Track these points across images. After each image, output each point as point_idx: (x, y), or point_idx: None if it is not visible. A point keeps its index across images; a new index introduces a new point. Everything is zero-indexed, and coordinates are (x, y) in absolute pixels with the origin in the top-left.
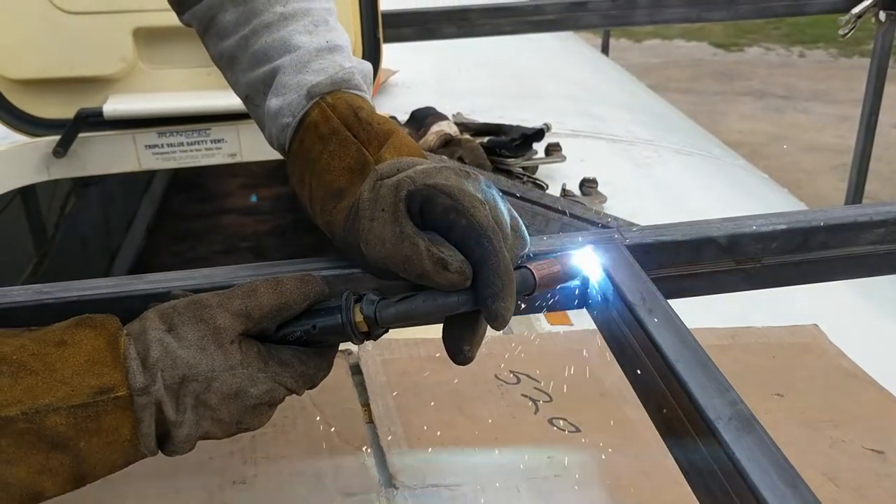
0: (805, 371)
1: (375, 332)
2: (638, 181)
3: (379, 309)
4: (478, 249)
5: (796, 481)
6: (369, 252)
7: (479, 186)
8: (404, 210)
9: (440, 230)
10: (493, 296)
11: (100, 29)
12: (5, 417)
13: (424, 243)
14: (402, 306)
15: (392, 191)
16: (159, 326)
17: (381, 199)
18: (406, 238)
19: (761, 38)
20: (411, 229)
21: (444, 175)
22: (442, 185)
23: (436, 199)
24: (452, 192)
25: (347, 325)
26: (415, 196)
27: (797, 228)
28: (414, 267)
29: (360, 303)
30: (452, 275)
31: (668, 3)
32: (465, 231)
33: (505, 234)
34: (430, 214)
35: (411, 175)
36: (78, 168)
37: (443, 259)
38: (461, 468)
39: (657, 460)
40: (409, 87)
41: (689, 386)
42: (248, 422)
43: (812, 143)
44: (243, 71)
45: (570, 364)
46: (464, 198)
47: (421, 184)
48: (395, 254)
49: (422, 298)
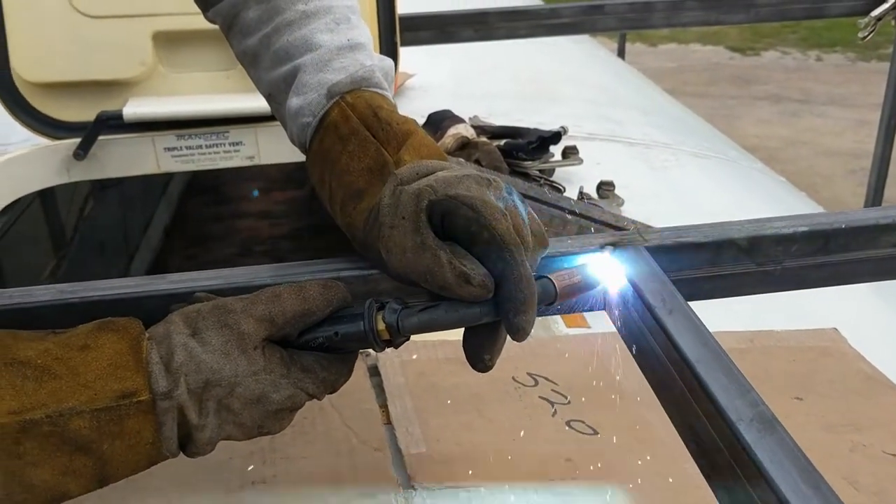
0: (825, 375)
1: (397, 340)
2: (655, 184)
3: (401, 317)
4: (500, 263)
5: (819, 483)
6: (389, 259)
7: (500, 194)
8: (425, 220)
9: (461, 241)
10: (514, 309)
11: (120, 33)
12: (30, 420)
13: (446, 256)
14: (425, 316)
15: (413, 199)
16: (184, 331)
17: (402, 206)
18: (427, 249)
19: (778, 41)
20: (433, 241)
21: (466, 185)
22: (464, 196)
23: (457, 211)
24: (474, 203)
25: (370, 333)
26: (436, 207)
27: (819, 231)
28: (436, 279)
29: (382, 311)
30: (475, 288)
31: (686, 6)
32: (487, 244)
33: (526, 243)
34: (452, 226)
35: (432, 184)
36: (98, 170)
37: (465, 273)
38: (479, 470)
39: (676, 463)
40: (425, 90)
41: (709, 387)
42: (269, 426)
43: (829, 148)
44: (266, 69)
45: (588, 366)
46: (486, 210)
47: (443, 194)
48: (417, 264)
49: (444, 309)
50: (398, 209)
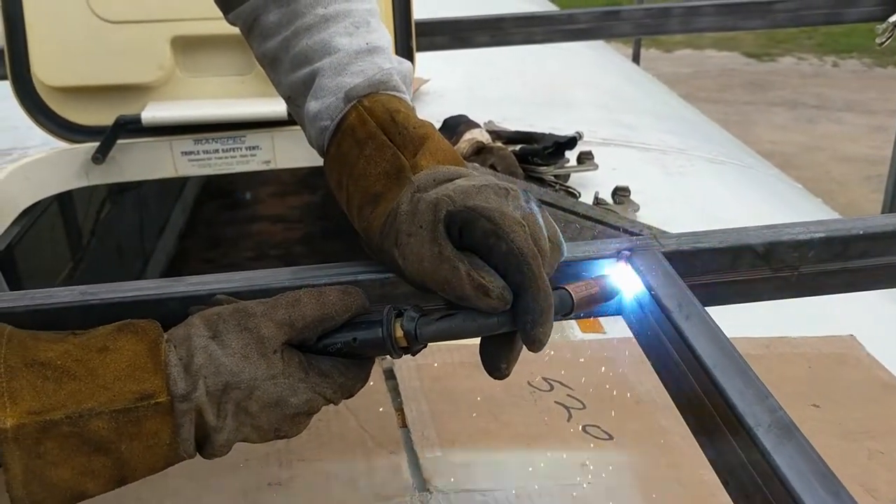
0: (842, 382)
1: (415, 347)
2: (670, 190)
3: (419, 325)
4: (518, 275)
5: (839, 490)
6: (406, 267)
7: (518, 204)
8: (443, 231)
9: (479, 252)
10: (531, 322)
11: (139, 37)
12: (50, 421)
13: (465, 267)
14: (443, 324)
15: (431, 208)
16: (204, 333)
17: (420, 215)
18: (445, 260)
19: (794, 47)
20: (451, 251)
21: (484, 195)
22: (482, 207)
23: (475, 223)
24: (493, 215)
25: (388, 340)
26: (454, 217)
27: (836, 237)
28: (454, 290)
29: (400, 318)
30: (493, 301)
31: (703, 12)
32: (505, 256)
33: (544, 252)
34: (470, 237)
35: (450, 194)
36: (116, 174)
37: (484, 286)
38: (494, 474)
39: (692, 470)
40: (440, 95)
41: (727, 393)
42: (286, 429)
43: (845, 154)
44: (285, 72)
45: (604, 372)
46: (504, 222)
47: (461, 205)
48: (434, 274)
49: (462, 318)
50: (416, 217)
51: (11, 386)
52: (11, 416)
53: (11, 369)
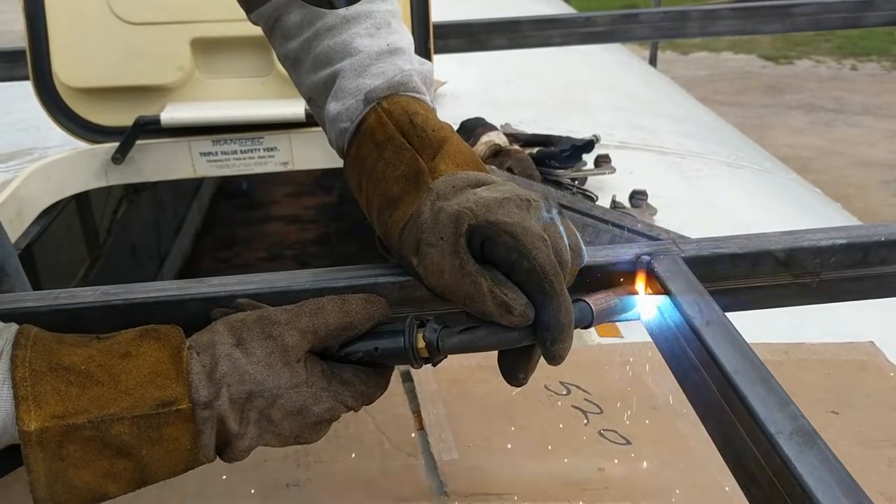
0: (861, 389)
1: (435, 358)
2: (688, 194)
3: (441, 337)
4: (540, 294)
5: (861, 498)
6: (426, 276)
7: (539, 214)
8: (465, 245)
9: (501, 267)
10: (552, 338)
11: (159, 39)
12: (73, 425)
13: (487, 283)
14: (465, 337)
15: (452, 220)
16: (228, 340)
17: (441, 226)
18: (467, 275)
19: (812, 50)
20: (473, 266)
21: (506, 210)
22: (504, 222)
23: (497, 239)
24: (515, 231)
25: (409, 351)
26: (476, 232)
27: (857, 243)
28: (475, 304)
29: (422, 329)
30: (516, 318)
31: (721, 15)
32: (527, 273)
33: (565, 265)
34: (492, 253)
35: (472, 207)
36: (135, 174)
37: (507, 303)
38: (511, 477)
39: (709, 475)
40: (456, 97)
41: (748, 399)
42: (306, 436)
43: (863, 158)
44: (306, 73)
45: (621, 376)
46: (526, 238)
47: (483, 219)
48: (455, 288)
49: (484, 332)
50: (436, 228)
51: (36, 390)
52: (36, 419)
53: (36, 373)
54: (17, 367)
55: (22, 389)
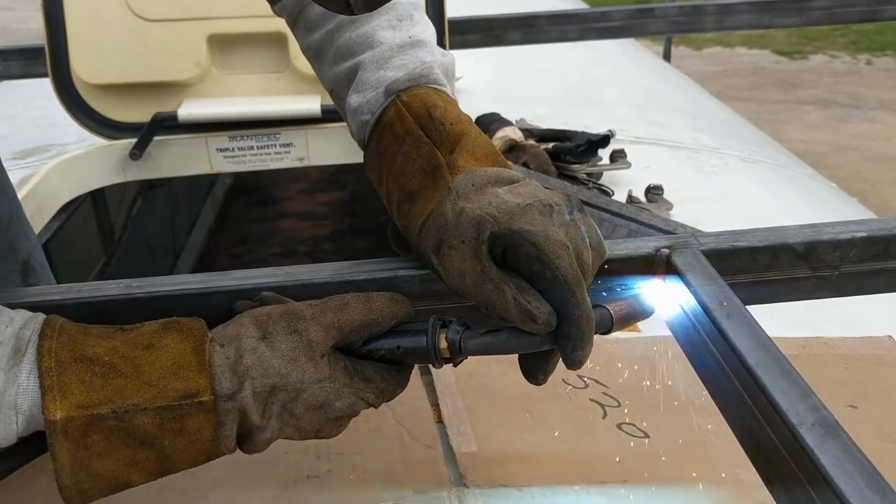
0: (880, 383)
1: (457, 359)
2: (704, 189)
3: (464, 338)
4: (562, 303)
5: (885, 489)
6: (447, 278)
7: (562, 219)
8: (486, 251)
9: (523, 275)
10: (573, 346)
11: (176, 36)
12: (97, 415)
13: (511, 291)
14: (487, 339)
15: (474, 226)
16: (254, 333)
17: (462, 230)
18: (489, 281)
19: (826, 45)
20: (495, 273)
21: (529, 217)
22: (527, 231)
23: (520, 247)
24: (538, 240)
25: (432, 350)
26: (498, 239)
27: (877, 236)
28: (497, 311)
29: (445, 329)
30: (539, 326)
31: (737, 9)
32: (549, 283)
33: (587, 270)
34: (514, 260)
35: (494, 213)
36: (152, 170)
37: (530, 312)
38: (530, 470)
39: (730, 468)
40: (471, 93)
41: (769, 391)
42: (327, 431)
43: (878, 154)
44: (329, 65)
45: (639, 370)
46: (549, 247)
47: (505, 227)
48: (477, 292)
49: (506, 335)
50: (458, 231)
51: (61, 380)
52: (61, 409)
53: (61, 364)
54: (44, 357)
55: (48, 379)
